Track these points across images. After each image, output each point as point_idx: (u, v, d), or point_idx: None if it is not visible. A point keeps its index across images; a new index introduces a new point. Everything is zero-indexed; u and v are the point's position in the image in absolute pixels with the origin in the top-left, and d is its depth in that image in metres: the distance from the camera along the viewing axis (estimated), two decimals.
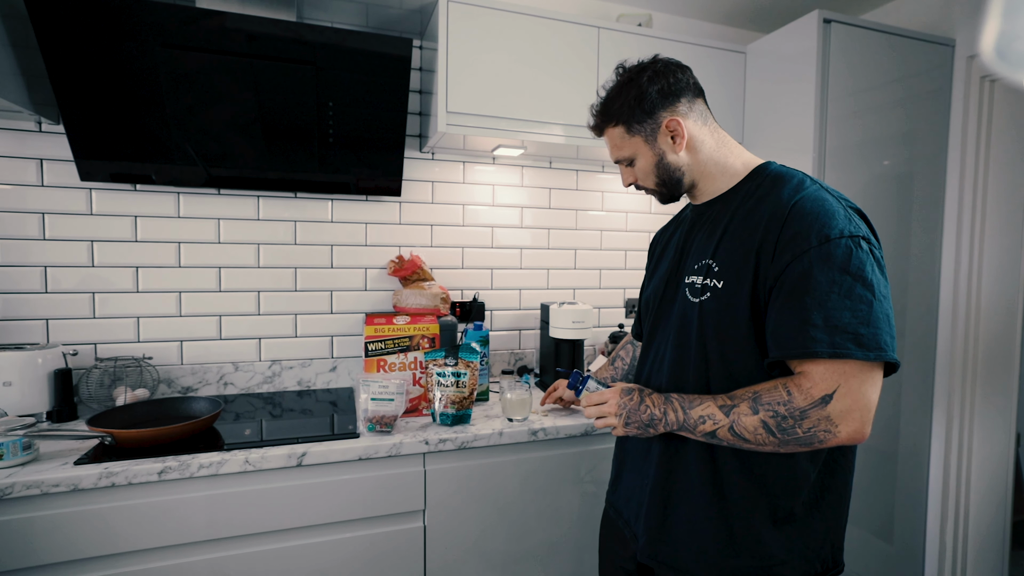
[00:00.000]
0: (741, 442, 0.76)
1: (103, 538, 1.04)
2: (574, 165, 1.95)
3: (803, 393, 0.72)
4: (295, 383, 1.66)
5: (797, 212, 0.75)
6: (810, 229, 0.73)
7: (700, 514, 0.83)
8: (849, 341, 0.69)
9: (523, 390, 1.38)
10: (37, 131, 1.41)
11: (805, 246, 0.73)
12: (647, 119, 0.87)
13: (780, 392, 0.73)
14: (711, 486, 0.82)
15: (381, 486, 1.22)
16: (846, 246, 0.72)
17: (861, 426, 0.71)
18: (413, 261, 1.68)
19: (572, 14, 1.61)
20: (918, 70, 1.66)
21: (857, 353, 0.69)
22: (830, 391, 0.70)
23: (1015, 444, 1.79)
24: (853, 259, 0.71)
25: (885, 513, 1.74)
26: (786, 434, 0.73)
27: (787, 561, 0.80)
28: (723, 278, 0.81)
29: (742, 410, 0.75)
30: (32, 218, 1.42)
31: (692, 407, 0.80)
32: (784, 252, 0.74)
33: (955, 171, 1.71)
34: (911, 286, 1.72)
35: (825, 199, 0.76)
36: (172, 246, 1.54)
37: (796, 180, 0.81)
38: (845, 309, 0.70)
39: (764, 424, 0.73)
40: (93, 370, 1.44)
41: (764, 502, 0.80)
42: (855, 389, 0.70)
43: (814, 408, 0.71)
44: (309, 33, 1.39)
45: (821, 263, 0.71)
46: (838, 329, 0.70)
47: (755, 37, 2.11)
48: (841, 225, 0.73)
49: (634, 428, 0.86)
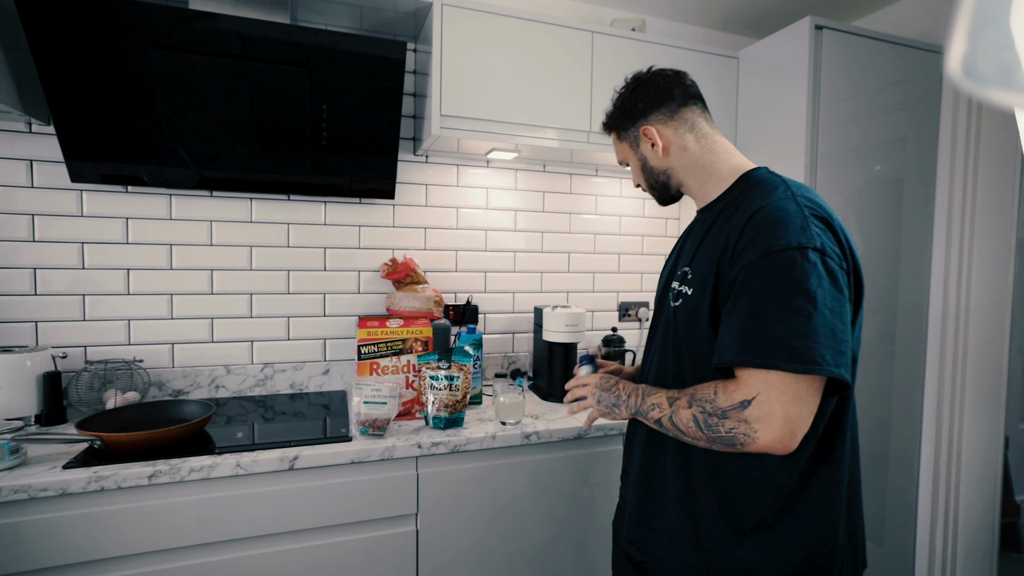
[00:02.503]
0: (680, 433, 0.80)
1: (92, 543, 1.03)
2: (568, 169, 1.96)
3: (727, 395, 0.74)
4: (287, 386, 1.66)
5: (754, 223, 0.77)
6: (760, 240, 0.74)
7: (671, 509, 0.86)
8: (777, 352, 0.69)
9: (516, 393, 1.38)
10: (27, 132, 1.40)
11: (752, 257, 0.74)
12: (631, 127, 0.94)
13: (709, 391, 0.77)
14: (682, 483, 0.85)
15: (373, 490, 1.21)
16: (790, 257, 0.71)
17: (780, 437, 0.70)
18: (406, 264, 1.68)
19: (566, 18, 1.62)
20: (908, 76, 1.68)
21: (784, 365, 0.69)
22: (749, 397, 0.72)
23: (1003, 447, 1.81)
24: (796, 270, 0.71)
25: (875, 515, 1.76)
26: (712, 431, 0.75)
27: (761, 571, 0.80)
28: (693, 286, 0.84)
29: (681, 403, 0.79)
30: (22, 219, 1.41)
31: (648, 396, 0.86)
32: (736, 262, 0.76)
33: (945, 176, 1.73)
34: (901, 291, 1.73)
35: (785, 209, 0.76)
36: (164, 248, 1.53)
37: (769, 188, 0.82)
38: (780, 321, 0.70)
39: (695, 419, 0.77)
40: (83, 373, 1.43)
41: (728, 508, 0.81)
42: (774, 399, 0.70)
43: (733, 410, 0.73)
44: (303, 35, 1.39)
45: (763, 274, 0.72)
46: (769, 339, 0.70)
47: (748, 42, 2.12)
48: (791, 236, 0.72)
49: (603, 406, 0.95)
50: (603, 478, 1.41)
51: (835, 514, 0.82)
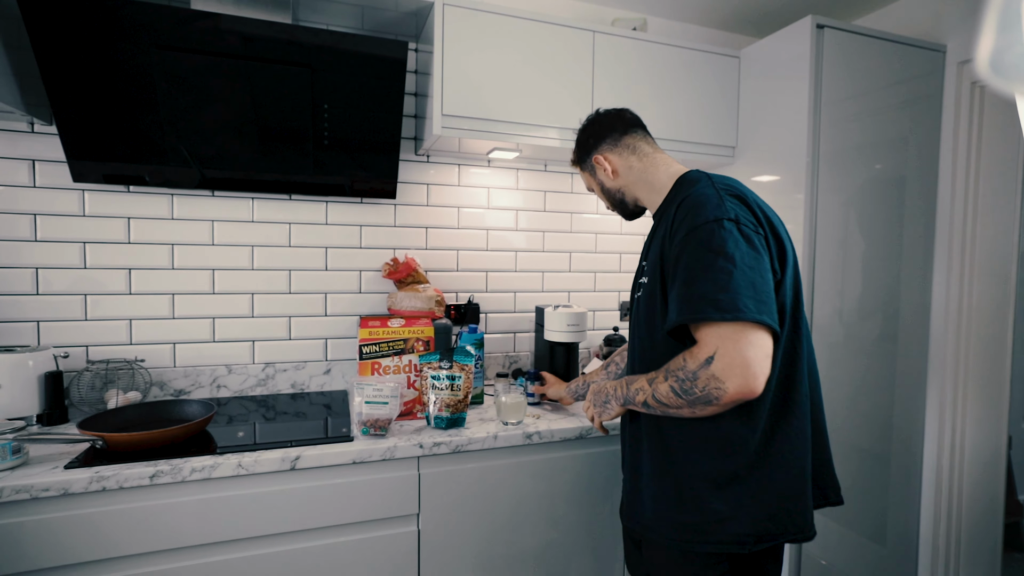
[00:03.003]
0: (664, 407, 0.89)
1: (94, 543, 1.03)
2: (569, 168, 1.95)
3: (694, 358, 0.83)
4: (289, 386, 1.66)
5: (682, 210, 0.91)
6: (684, 222, 0.88)
7: (655, 479, 0.97)
8: (708, 306, 0.80)
9: (518, 393, 1.37)
10: (29, 132, 1.41)
11: (680, 235, 0.88)
12: (587, 158, 1.14)
13: (679, 360, 0.86)
14: (660, 453, 0.96)
15: (375, 490, 1.21)
16: (709, 229, 0.84)
17: (745, 381, 0.79)
18: (408, 264, 1.68)
19: (567, 18, 1.62)
20: (910, 75, 1.68)
21: (714, 315, 0.80)
22: (711, 353, 0.81)
23: (1007, 446, 1.80)
24: (715, 238, 0.83)
25: (878, 515, 1.75)
26: (689, 395, 0.84)
27: (734, 517, 0.89)
28: (648, 275, 0.98)
29: (659, 379, 0.89)
30: (24, 219, 1.41)
31: (631, 384, 0.97)
32: (672, 247, 0.89)
33: (947, 175, 1.73)
34: (903, 288, 1.73)
35: (704, 193, 0.90)
36: (165, 248, 1.53)
37: (694, 182, 0.96)
38: (707, 281, 0.82)
39: (672, 389, 0.86)
40: (85, 373, 1.43)
41: (704, 466, 0.91)
42: (731, 349, 0.79)
43: (702, 369, 0.82)
44: (304, 35, 1.39)
45: (690, 247, 0.85)
46: (698, 297, 0.82)
47: (749, 42, 2.12)
48: (708, 212, 0.86)
49: (598, 409, 1.08)
50: (605, 477, 1.41)
51: (802, 460, 0.92)
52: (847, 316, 1.65)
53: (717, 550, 0.90)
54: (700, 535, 0.91)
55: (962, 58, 1.68)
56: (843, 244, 1.63)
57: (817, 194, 1.58)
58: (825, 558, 1.67)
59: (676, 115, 1.73)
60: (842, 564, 1.69)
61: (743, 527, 0.89)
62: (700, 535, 0.91)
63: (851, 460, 1.68)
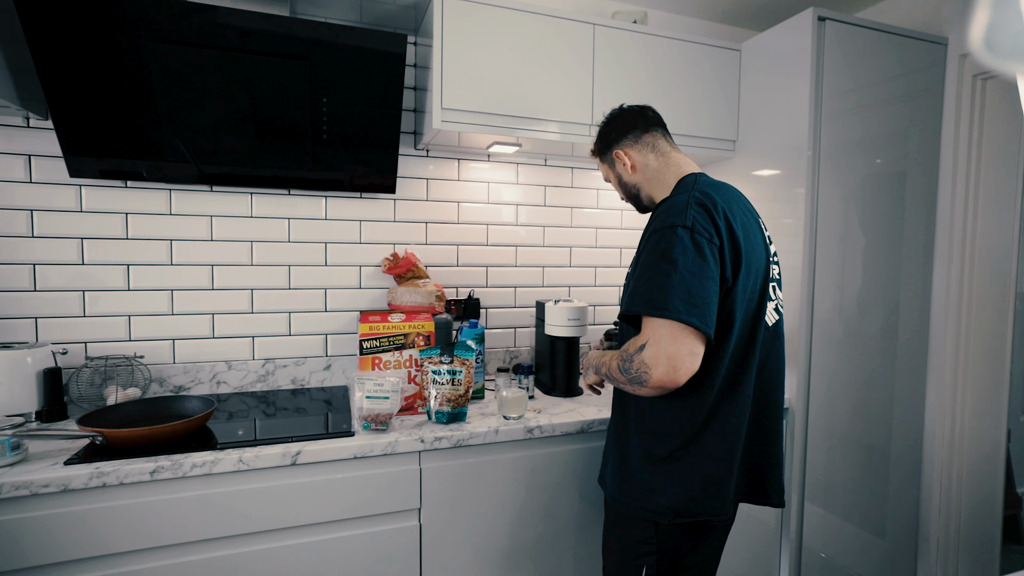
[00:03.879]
0: (615, 381, 1.00)
1: (94, 539, 1.03)
2: (569, 162, 1.95)
3: (633, 343, 0.94)
4: (289, 381, 1.65)
5: (655, 214, 1.01)
6: (651, 225, 0.99)
7: (613, 448, 1.11)
8: (642, 302, 0.92)
9: (519, 388, 1.37)
10: (25, 127, 1.39)
11: (645, 237, 0.99)
12: (608, 151, 1.19)
13: (628, 343, 0.97)
14: (620, 426, 1.10)
15: (376, 485, 1.21)
16: (664, 233, 0.94)
17: (667, 371, 0.88)
18: (408, 259, 1.67)
19: (567, 11, 1.61)
20: (911, 68, 1.67)
21: (645, 310, 0.91)
22: (643, 342, 0.92)
23: (1006, 439, 1.81)
24: (663, 242, 0.93)
25: (878, 508, 1.76)
26: (626, 374, 0.94)
27: (663, 490, 1.01)
28: (633, 266, 1.05)
29: (614, 357, 1.00)
30: (20, 215, 1.40)
31: (602, 356, 1.07)
32: (640, 245, 1.01)
33: (948, 168, 1.72)
34: (904, 283, 1.73)
35: (677, 200, 0.98)
36: (164, 244, 1.52)
37: (681, 187, 1.03)
38: (648, 280, 0.92)
39: (619, 367, 0.97)
40: (83, 369, 1.42)
41: (646, 443, 1.03)
42: (658, 341, 0.89)
43: (636, 354, 0.92)
44: (303, 29, 1.38)
45: (648, 248, 0.96)
46: (638, 293, 0.93)
47: (750, 35, 2.11)
48: (670, 218, 0.95)
49: (582, 371, 1.22)
50: None
51: (731, 453, 1.01)
52: (847, 311, 1.65)
53: (644, 517, 1.03)
54: (634, 502, 1.04)
55: (963, 51, 1.67)
56: (843, 239, 1.63)
57: (818, 188, 1.57)
58: (825, 551, 1.67)
59: (676, 109, 1.72)
60: (842, 557, 1.70)
61: (667, 501, 1.01)
62: (634, 502, 1.04)
63: (851, 453, 1.69)
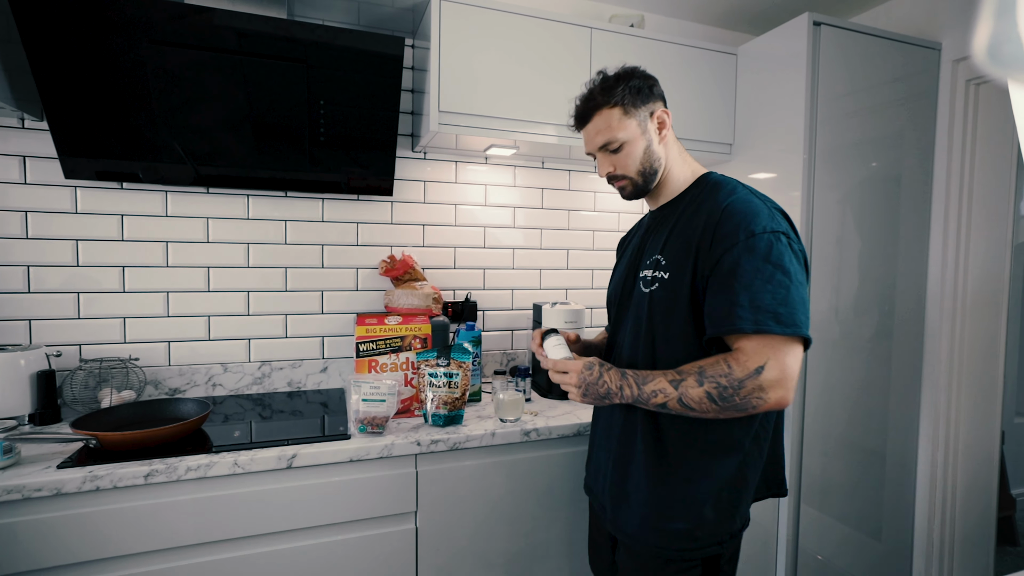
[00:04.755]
0: (687, 411, 0.86)
1: (88, 543, 1.02)
2: (566, 165, 1.95)
3: (740, 366, 0.82)
4: (285, 384, 1.65)
5: (728, 213, 0.88)
6: (739, 226, 0.86)
7: (646, 479, 0.94)
8: (769, 319, 0.81)
9: (516, 391, 1.37)
10: (20, 128, 1.39)
11: (735, 240, 0.85)
12: (643, 105, 0.98)
13: (722, 366, 0.83)
14: (653, 455, 0.94)
15: (372, 488, 1.21)
16: (768, 240, 0.84)
17: (786, 393, 0.82)
18: (405, 261, 1.67)
19: (565, 14, 1.61)
20: (906, 73, 1.69)
21: (776, 328, 0.80)
22: (761, 363, 0.81)
23: (1000, 441, 1.82)
24: (774, 251, 0.84)
25: (874, 510, 1.76)
26: (726, 402, 0.83)
27: (719, 520, 0.92)
28: (669, 270, 0.93)
29: (689, 383, 0.85)
30: (15, 216, 1.39)
31: (645, 383, 0.89)
32: (717, 246, 0.87)
33: (942, 172, 1.73)
34: (899, 285, 1.74)
35: (751, 201, 0.89)
36: (160, 245, 1.52)
37: (730, 187, 0.94)
38: (766, 292, 0.82)
39: (708, 394, 0.83)
40: (78, 371, 1.41)
41: (701, 469, 0.91)
42: (781, 361, 0.81)
43: (749, 378, 0.81)
44: (300, 31, 1.37)
45: (747, 254, 0.84)
46: (760, 309, 0.81)
47: (746, 39, 2.12)
48: (764, 222, 0.86)
49: (591, 399, 0.95)
50: None
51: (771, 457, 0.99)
52: (843, 313, 1.66)
53: (700, 555, 0.91)
54: (686, 542, 0.91)
55: (957, 56, 1.69)
56: (839, 241, 1.64)
57: (813, 191, 1.58)
58: (821, 553, 1.68)
59: (673, 112, 1.69)
60: (838, 559, 1.70)
61: (726, 527, 0.92)
62: (686, 542, 0.91)
63: (846, 456, 1.69)
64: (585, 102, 0.99)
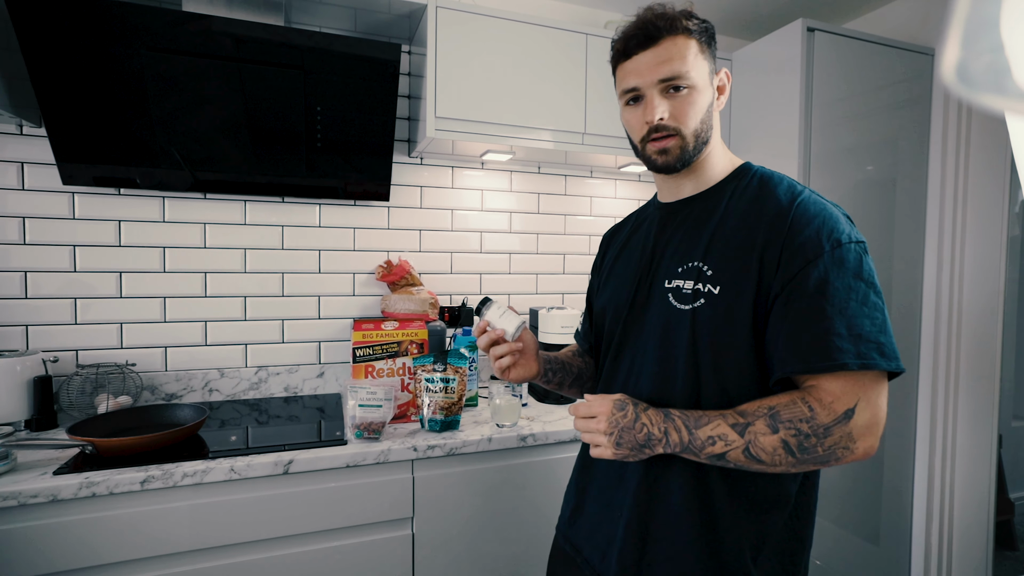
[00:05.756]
0: (753, 463, 0.67)
1: (84, 550, 1.02)
2: (563, 170, 1.96)
3: (826, 408, 0.65)
4: (282, 389, 1.65)
5: (802, 214, 0.70)
6: (820, 233, 0.68)
7: (686, 548, 0.74)
8: (873, 351, 0.64)
9: (512, 395, 1.37)
10: (18, 134, 1.39)
11: (819, 251, 0.67)
12: (712, 54, 0.78)
13: (801, 408, 0.65)
14: (698, 514, 0.74)
15: (369, 493, 1.21)
16: (856, 252, 0.68)
17: (875, 440, 0.66)
18: (401, 266, 1.67)
19: (561, 20, 1.62)
20: (899, 78, 1.70)
21: (881, 363, 0.64)
22: (852, 405, 0.64)
23: (997, 445, 1.82)
24: (864, 265, 0.68)
25: (871, 514, 1.76)
26: (806, 453, 0.65)
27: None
28: (719, 283, 0.72)
29: (759, 429, 0.66)
30: (12, 222, 1.40)
31: (699, 427, 0.69)
32: (796, 256, 0.68)
33: (936, 177, 1.74)
34: (894, 290, 1.74)
35: (824, 203, 0.73)
36: (157, 251, 1.52)
37: (786, 183, 0.77)
38: (864, 317, 0.65)
39: (785, 443, 0.65)
40: (74, 377, 1.41)
41: (754, 527, 0.74)
42: (874, 402, 0.65)
43: (838, 424, 0.64)
44: (297, 38, 1.38)
45: (836, 269, 0.67)
46: (861, 339, 0.64)
47: (741, 45, 2.14)
48: (847, 230, 0.69)
49: (626, 449, 0.72)
50: None
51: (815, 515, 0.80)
52: None
53: None
54: None
55: None
56: None
57: None
58: (819, 558, 1.68)
59: None
60: (836, 564, 1.70)
61: None
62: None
63: None
64: (656, 19, 0.74)
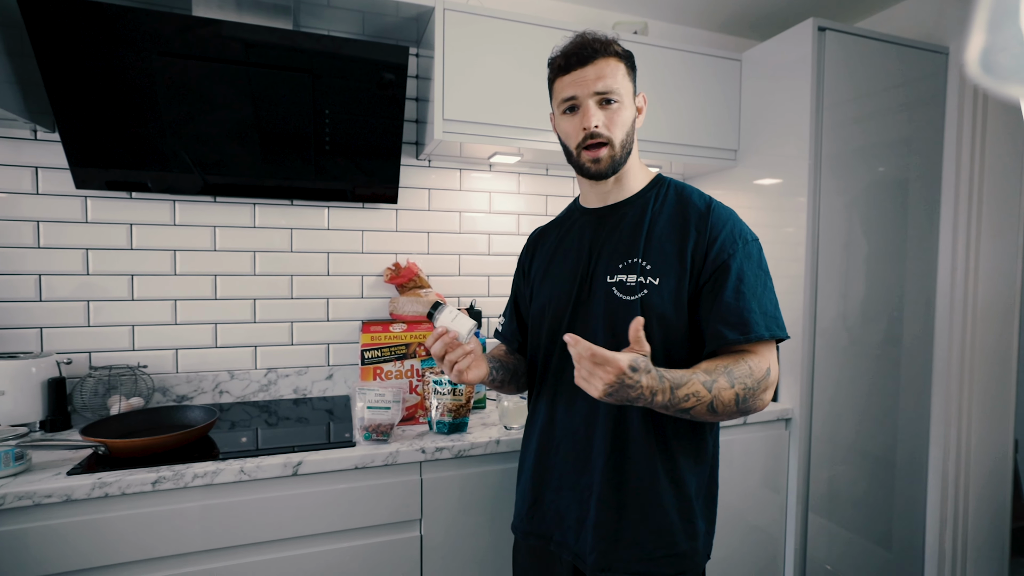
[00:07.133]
0: (708, 415, 0.79)
1: (96, 549, 1.03)
2: (570, 172, 1.95)
3: (757, 367, 0.82)
4: (291, 391, 1.66)
5: (717, 217, 0.88)
6: (733, 232, 0.87)
7: (657, 507, 0.86)
8: (774, 324, 0.84)
9: (520, 397, 1.37)
10: (32, 139, 1.41)
11: (735, 247, 0.86)
12: (634, 78, 0.93)
13: (744, 366, 0.81)
14: (666, 475, 0.87)
15: (377, 495, 1.21)
16: (758, 247, 0.89)
17: (773, 392, 0.85)
18: (409, 268, 1.68)
19: (568, 22, 1.62)
20: (913, 77, 1.67)
21: (779, 333, 0.84)
22: (768, 365, 0.83)
23: (1013, 450, 1.79)
24: (763, 257, 0.89)
25: (884, 520, 1.74)
26: (745, 404, 0.80)
27: (707, 530, 0.92)
28: (659, 275, 0.87)
29: (721, 385, 0.78)
30: (27, 226, 1.42)
31: (679, 386, 0.75)
32: (720, 252, 0.86)
33: (950, 177, 1.72)
34: (908, 292, 1.72)
35: (728, 207, 0.92)
36: (168, 254, 1.54)
37: (696, 191, 0.94)
38: (767, 300, 0.85)
39: (737, 396, 0.79)
40: (87, 379, 1.43)
41: (698, 478, 0.90)
42: (776, 364, 0.85)
43: (764, 379, 0.82)
44: (306, 41, 1.39)
45: (747, 261, 0.86)
46: (768, 315, 0.84)
47: (750, 45, 2.12)
48: (748, 229, 0.90)
49: (613, 399, 0.73)
50: None
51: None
52: (850, 320, 1.64)
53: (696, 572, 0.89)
54: (688, 561, 0.87)
55: None
56: (846, 247, 1.62)
57: (819, 196, 1.57)
58: (830, 563, 1.66)
59: (678, 118, 1.73)
60: (847, 569, 1.68)
61: (710, 538, 0.92)
62: (688, 561, 0.87)
63: (855, 464, 1.67)
64: (593, 41, 0.87)
